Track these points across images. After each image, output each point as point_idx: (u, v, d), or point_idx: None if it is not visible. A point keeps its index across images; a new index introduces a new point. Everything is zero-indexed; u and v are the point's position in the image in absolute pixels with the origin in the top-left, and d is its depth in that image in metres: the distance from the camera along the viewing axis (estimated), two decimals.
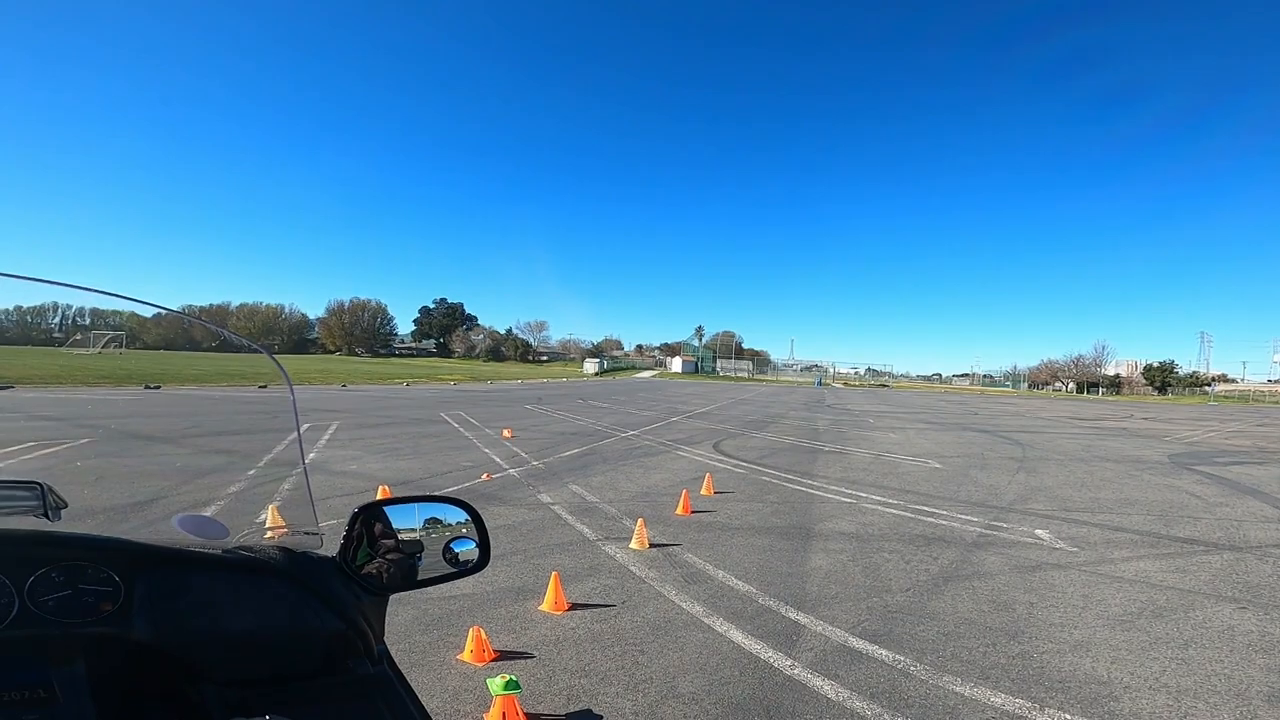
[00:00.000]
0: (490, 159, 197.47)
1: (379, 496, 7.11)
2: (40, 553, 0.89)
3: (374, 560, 1.11)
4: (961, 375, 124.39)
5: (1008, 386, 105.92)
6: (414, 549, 1.15)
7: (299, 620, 1.00)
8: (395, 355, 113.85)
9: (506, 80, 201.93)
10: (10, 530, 0.93)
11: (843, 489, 9.32)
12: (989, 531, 7.08)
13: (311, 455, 10.21)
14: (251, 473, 6.07)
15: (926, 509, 8.14)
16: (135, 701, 0.92)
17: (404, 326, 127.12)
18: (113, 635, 0.90)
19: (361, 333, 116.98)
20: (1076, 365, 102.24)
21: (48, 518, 1.01)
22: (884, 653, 3.91)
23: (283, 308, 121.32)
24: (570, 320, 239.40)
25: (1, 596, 0.85)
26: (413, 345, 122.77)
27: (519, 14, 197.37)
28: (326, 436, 12.58)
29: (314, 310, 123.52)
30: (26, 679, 0.84)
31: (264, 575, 1.02)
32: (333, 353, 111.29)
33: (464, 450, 11.58)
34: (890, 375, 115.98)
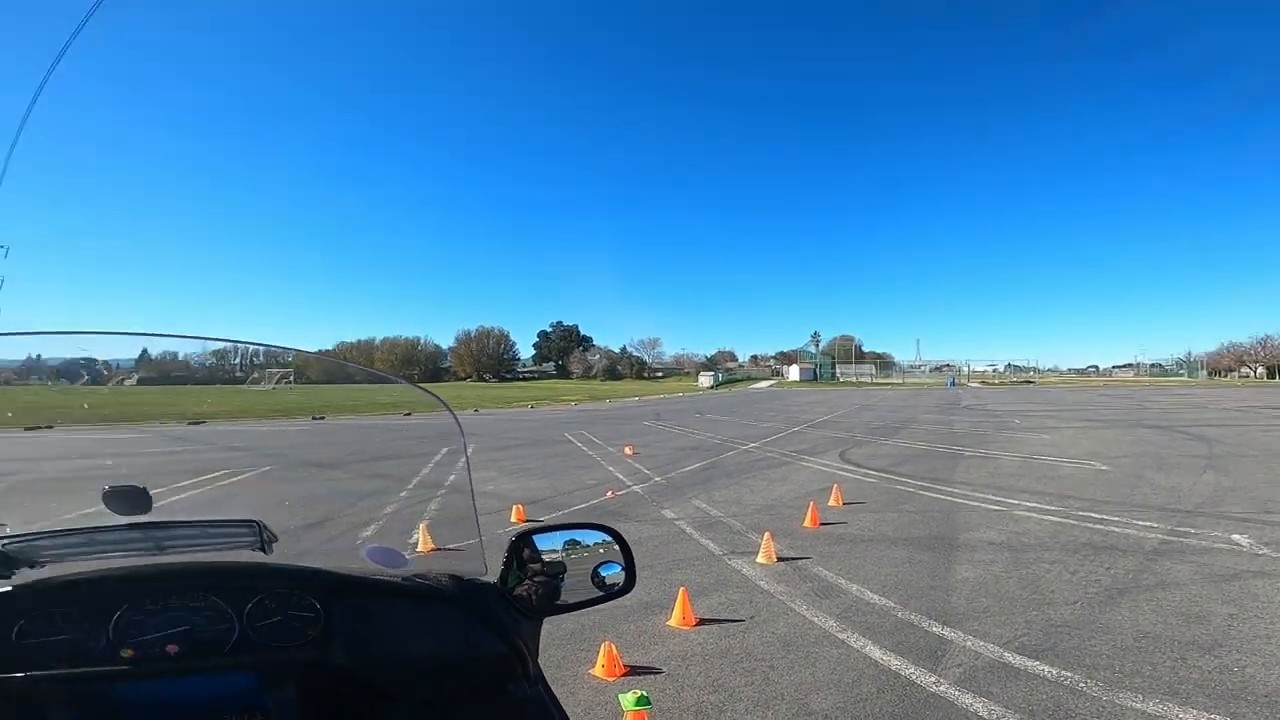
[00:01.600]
0: (596, 180, 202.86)
1: (514, 515, 7.55)
2: (254, 583, 1.01)
3: (523, 584, 1.16)
4: (1124, 366, 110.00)
5: (1182, 375, 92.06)
6: (557, 570, 1.19)
7: (469, 645, 1.07)
8: (518, 379, 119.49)
9: (612, 96, 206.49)
10: (231, 563, 1.08)
11: (989, 495, 8.60)
12: (1173, 538, 6.22)
13: (451, 478, 10.97)
14: (403, 494, 6.64)
15: (1093, 515, 7.31)
16: None
17: (524, 351, 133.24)
18: (317, 659, 0.99)
19: (488, 359, 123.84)
20: (1264, 348, 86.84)
21: (264, 551, 1.15)
22: (1046, 669, 3.55)
23: (419, 340, 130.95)
24: (683, 335, 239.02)
25: (224, 623, 0.96)
26: (534, 369, 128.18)
27: (631, 34, 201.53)
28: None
29: (445, 340, 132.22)
30: (249, 702, 0.94)
31: (438, 602, 1.11)
32: (464, 379, 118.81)
33: (588, 469, 11.95)
34: (1035, 370, 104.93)
